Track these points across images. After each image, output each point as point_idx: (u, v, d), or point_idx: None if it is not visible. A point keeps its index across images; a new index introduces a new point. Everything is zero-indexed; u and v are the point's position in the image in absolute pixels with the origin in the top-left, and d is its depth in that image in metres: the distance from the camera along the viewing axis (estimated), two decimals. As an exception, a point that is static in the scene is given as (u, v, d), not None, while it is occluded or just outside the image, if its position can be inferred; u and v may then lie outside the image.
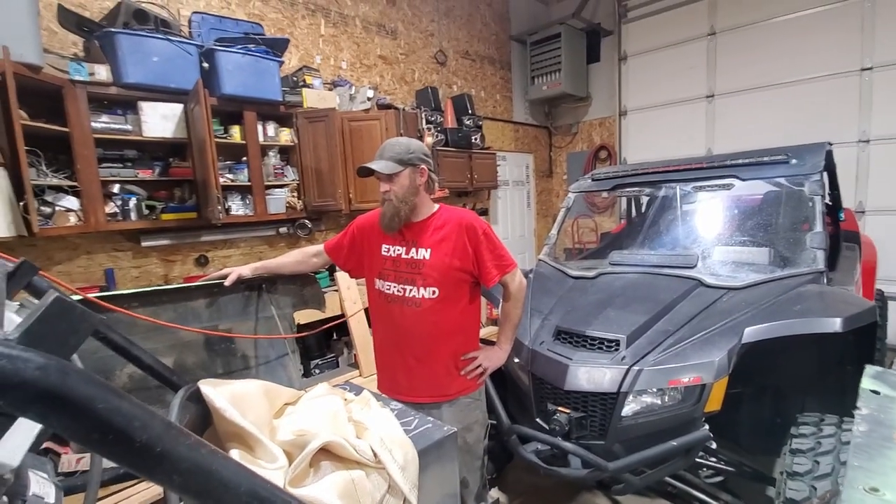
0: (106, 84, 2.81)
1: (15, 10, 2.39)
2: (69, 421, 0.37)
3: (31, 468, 0.65)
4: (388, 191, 1.66)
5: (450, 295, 1.70)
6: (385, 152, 1.67)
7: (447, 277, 1.69)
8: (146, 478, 0.41)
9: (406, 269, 1.72)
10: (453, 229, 1.70)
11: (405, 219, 1.70)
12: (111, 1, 3.05)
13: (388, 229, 1.72)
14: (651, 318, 2.07)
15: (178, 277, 3.44)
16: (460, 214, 1.75)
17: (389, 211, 1.68)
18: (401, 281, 1.73)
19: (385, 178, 1.66)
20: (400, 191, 1.66)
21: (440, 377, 1.75)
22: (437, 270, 1.68)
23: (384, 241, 1.78)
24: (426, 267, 1.69)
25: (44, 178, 2.64)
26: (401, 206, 1.67)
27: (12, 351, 0.35)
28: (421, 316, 1.70)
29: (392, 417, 1.14)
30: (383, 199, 1.68)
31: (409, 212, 1.70)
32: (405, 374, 1.76)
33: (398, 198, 1.66)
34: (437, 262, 1.68)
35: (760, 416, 2.17)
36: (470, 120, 5.03)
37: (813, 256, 2.22)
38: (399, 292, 1.73)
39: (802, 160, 2.49)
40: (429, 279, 1.69)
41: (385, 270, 1.77)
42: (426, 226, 1.73)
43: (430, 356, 1.73)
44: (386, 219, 1.70)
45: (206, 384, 0.99)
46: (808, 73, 4.88)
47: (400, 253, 1.74)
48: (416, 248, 1.71)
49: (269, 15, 3.92)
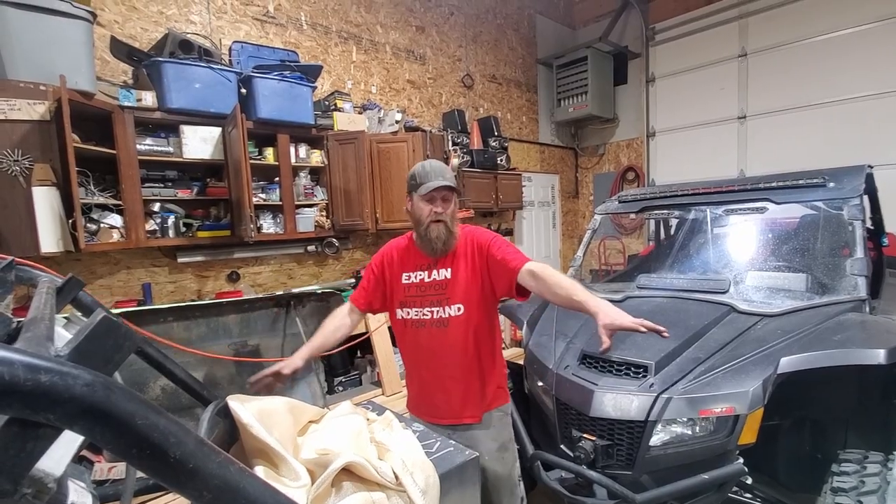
0: (151, 109, 2.98)
1: (73, 43, 2.58)
2: (112, 435, 0.40)
3: (71, 477, 0.68)
4: (443, 212, 1.65)
5: (474, 311, 1.70)
6: (446, 173, 1.68)
7: (470, 294, 1.69)
8: (178, 492, 0.43)
9: (432, 292, 1.72)
10: (466, 247, 1.72)
11: (457, 240, 1.71)
12: (159, 32, 3.26)
13: (439, 253, 1.71)
14: (681, 345, 2.01)
15: (210, 292, 3.56)
16: (467, 232, 1.76)
17: (443, 233, 1.67)
18: (426, 304, 1.73)
19: (442, 200, 1.66)
20: (453, 212, 1.69)
21: (476, 392, 1.74)
22: (460, 287, 1.69)
23: (403, 269, 1.78)
24: (450, 286, 1.70)
25: (91, 196, 2.80)
26: (454, 229, 1.69)
27: (63, 367, 0.38)
28: (449, 335, 1.70)
29: (414, 439, 1.14)
30: (434, 220, 1.66)
31: (457, 235, 1.72)
32: (444, 396, 1.75)
33: (452, 219, 1.68)
34: (459, 279, 1.69)
35: (799, 450, 2.06)
36: (496, 141, 5.08)
37: (854, 283, 2.12)
38: (426, 315, 1.73)
39: (840, 183, 2.40)
40: (454, 297, 1.69)
41: (407, 298, 1.76)
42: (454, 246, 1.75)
43: (465, 374, 1.72)
44: (439, 242, 1.67)
45: (235, 400, 1.01)
46: (847, 94, 4.75)
47: (422, 278, 1.74)
48: (437, 270, 1.72)
49: (305, 43, 4.10)
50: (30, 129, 2.48)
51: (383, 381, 3.24)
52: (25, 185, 2.45)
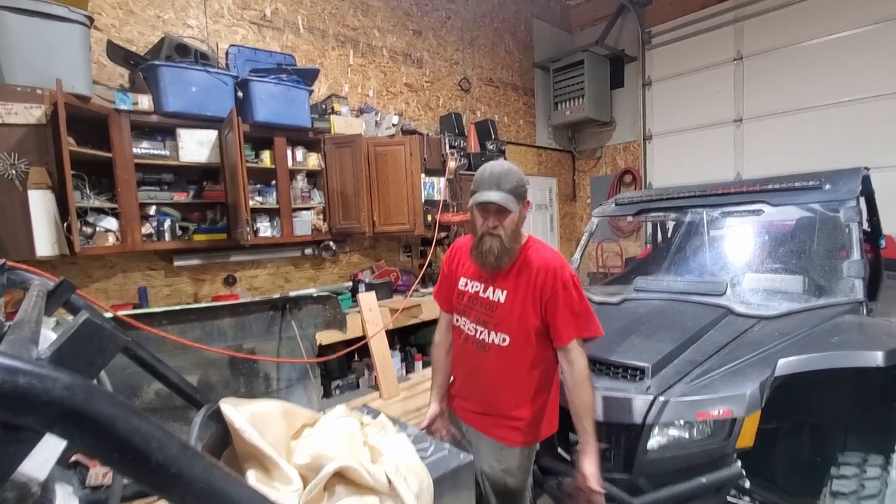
0: (148, 112, 2.98)
1: (69, 47, 2.58)
2: (92, 439, 0.39)
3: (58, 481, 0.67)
4: (497, 227, 1.45)
5: (521, 344, 1.52)
6: (502, 182, 1.44)
7: (520, 326, 1.51)
8: (161, 496, 0.42)
9: (481, 309, 1.57)
10: (534, 272, 1.50)
11: (515, 256, 1.51)
12: (156, 36, 3.26)
13: (493, 268, 1.52)
14: (678, 347, 2.00)
15: (207, 296, 3.55)
16: (546, 257, 1.52)
17: (497, 248, 1.46)
18: (473, 319, 1.60)
19: (496, 212, 1.45)
20: (511, 226, 1.46)
21: (509, 420, 1.60)
22: (510, 317, 1.51)
23: (464, 273, 1.64)
24: (499, 311, 1.53)
25: (87, 200, 2.79)
26: (513, 246, 1.49)
27: (41, 370, 0.37)
28: (487, 361, 1.58)
29: (408, 443, 1.13)
30: (486, 233, 1.47)
31: (518, 249, 1.51)
32: (479, 405, 1.67)
33: (509, 236, 1.46)
34: (512, 307, 1.51)
35: (798, 454, 2.05)
36: (493, 145, 5.09)
37: (851, 285, 2.13)
38: (471, 332, 1.61)
39: (837, 185, 2.41)
40: (500, 325, 1.53)
41: (461, 306, 1.65)
42: (513, 260, 1.54)
43: (494, 402, 1.61)
44: (492, 257, 1.48)
45: (227, 403, 1.00)
46: (843, 97, 4.77)
47: (478, 290, 1.59)
48: (494, 288, 1.54)
49: (302, 46, 4.11)
50: (26, 133, 2.48)
51: (381, 385, 3.22)
52: (21, 189, 2.44)
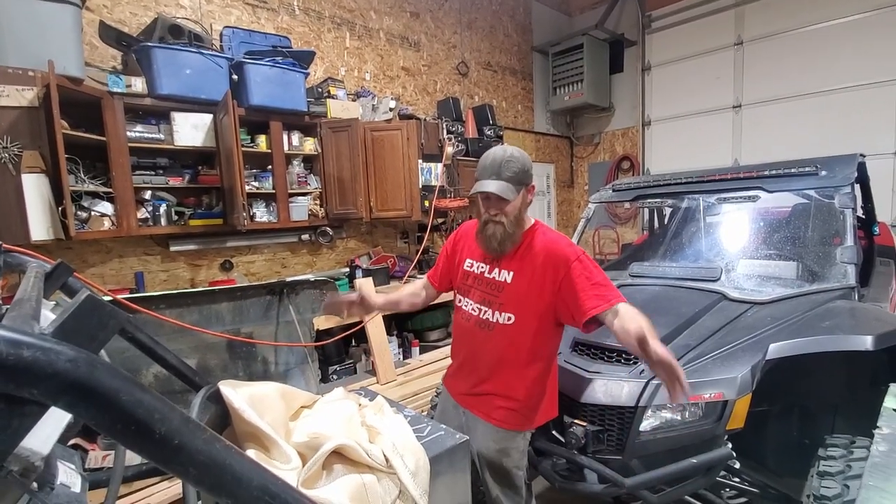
0: (141, 95, 2.94)
1: (60, 27, 2.53)
2: (95, 411, 0.40)
3: (60, 459, 0.68)
4: (499, 213, 1.49)
5: (526, 324, 1.55)
6: (502, 171, 1.47)
7: (525, 306, 1.54)
8: (164, 468, 0.44)
9: (486, 290, 1.60)
10: (539, 254, 1.54)
11: (518, 241, 1.55)
12: (148, 17, 3.20)
13: (497, 253, 1.56)
14: (672, 332, 2.03)
15: (203, 281, 3.55)
16: (553, 241, 1.56)
17: (500, 234, 1.51)
18: (478, 300, 1.62)
19: (497, 198, 1.48)
20: (513, 212, 1.50)
21: (509, 403, 1.61)
22: (515, 297, 1.54)
23: (469, 255, 1.67)
24: (505, 291, 1.56)
25: (81, 184, 2.77)
26: (515, 231, 1.52)
27: (46, 343, 0.38)
28: (490, 339, 1.59)
29: (405, 423, 1.15)
30: (488, 220, 1.52)
31: (520, 234, 1.54)
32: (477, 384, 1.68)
33: (511, 221, 1.50)
34: (518, 288, 1.54)
35: (787, 436, 2.09)
36: (491, 130, 5.05)
37: (843, 271, 2.15)
38: (475, 311, 1.62)
39: (832, 172, 2.41)
40: (507, 305, 1.55)
41: (465, 287, 1.67)
42: (517, 244, 1.58)
43: (493, 383, 1.62)
44: (495, 242, 1.52)
45: (226, 385, 1.02)
46: (842, 83, 4.75)
47: (483, 271, 1.62)
48: (499, 269, 1.58)
49: (297, 28, 4.05)
50: (18, 116, 2.44)
51: (378, 370, 3.25)
52: (15, 173, 2.42)
